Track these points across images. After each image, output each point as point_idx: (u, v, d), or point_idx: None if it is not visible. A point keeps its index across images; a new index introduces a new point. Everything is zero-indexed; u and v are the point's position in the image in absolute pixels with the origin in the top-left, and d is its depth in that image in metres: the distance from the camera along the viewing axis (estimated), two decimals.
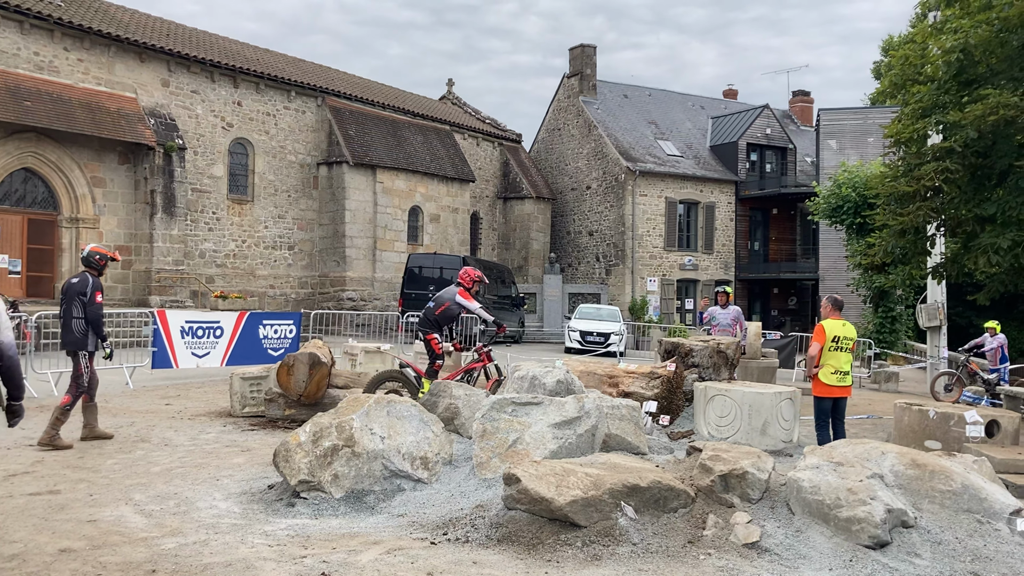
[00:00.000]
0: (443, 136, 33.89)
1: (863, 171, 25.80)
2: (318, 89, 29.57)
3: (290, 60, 32.44)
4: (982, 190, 11.20)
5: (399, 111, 32.48)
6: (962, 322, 25.88)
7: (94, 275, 8.94)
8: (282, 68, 29.84)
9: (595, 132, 37.97)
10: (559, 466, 5.90)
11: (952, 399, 15.68)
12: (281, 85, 28.50)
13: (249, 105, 27.77)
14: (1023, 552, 5.45)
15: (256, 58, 29.65)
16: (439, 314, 10.56)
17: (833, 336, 8.99)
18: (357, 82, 34.32)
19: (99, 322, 8.73)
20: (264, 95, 28.17)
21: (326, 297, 29.09)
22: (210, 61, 26.25)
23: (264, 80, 27.91)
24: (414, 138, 32.11)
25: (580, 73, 39.30)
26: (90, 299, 8.70)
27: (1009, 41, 10.83)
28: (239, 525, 5.79)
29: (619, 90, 41.69)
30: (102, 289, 8.91)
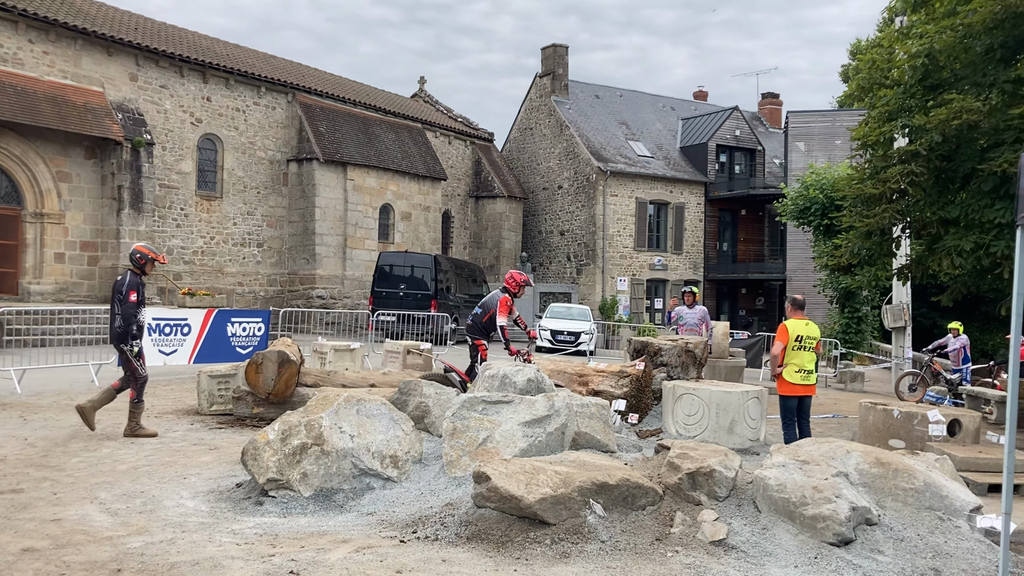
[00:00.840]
0: (415, 134, 33.80)
1: (830, 173, 26.09)
2: (289, 85, 29.36)
3: (261, 56, 32.18)
4: (946, 193, 11.38)
5: (370, 108, 32.34)
6: (926, 323, 26.27)
7: (136, 274, 9.11)
8: (252, 64, 29.59)
9: (567, 132, 38.06)
10: (529, 464, 5.92)
11: (916, 399, 15.92)
12: (251, 81, 28.27)
13: (219, 101, 27.52)
14: (982, 548, 5.56)
15: (226, 53, 29.38)
16: (486, 321, 10.57)
17: (796, 335, 9.10)
18: (328, 79, 34.12)
19: (130, 319, 8.92)
20: (234, 91, 27.92)
21: (295, 295, 28.91)
22: (179, 56, 25.97)
23: (234, 76, 27.67)
24: (385, 136, 31.99)
25: (552, 73, 39.37)
26: (124, 297, 8.91)
27: (972, 47, 11.02)
28: (207, 524, 5.75)
29: (591, 90, 41.82)
30: (137, 288, 9.00)
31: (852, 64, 40.06)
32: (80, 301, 22.72)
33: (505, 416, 7.02)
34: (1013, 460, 4.65)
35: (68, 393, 11.73)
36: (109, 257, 23.81)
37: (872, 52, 13.54)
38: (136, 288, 8.97)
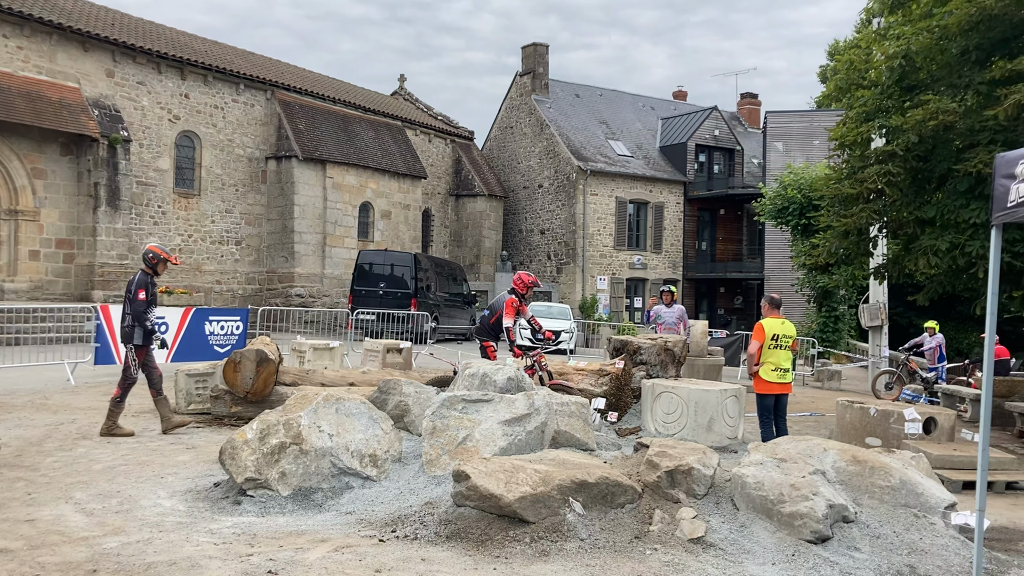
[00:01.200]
0: (395, 132, 33.70)
1: (808, 173, 26.25)
2: (268, 82, 29.19)
3: (239, 53, 31.97)
4: (922, 193, 11.48)
5: (350, 106, 32.21)
6: (903, 322, 26.50)
7: (148, 273, 9.19)
8: (231, 60, 29.39)
9: (547, 131, 38.09)
10: (508, 463, 5.92)
11: (892, 397, 16.06)
12: (230, 78, 28.08)
13: (197, 98, 27.32)
14: (957, 545, 5.61)
15: (205, 50, 29.17)
16: (493, 323, 10.43)
17: (772, 334, 9.16)
18: (307, 76, 33.95)
19: (141, 317, 8.99)
20: (212, 88, 27.73)
21: (274, 293, 28.76)
22: (157, 52, 25.76)
23: (212, 72, 27.47)
24: (365, 133, 31.88)
25: (532, 72, 39.38)
26: (133, 296, 9.01)
27: (948, 49, 11.13)
28: (184, 523, 5.71)
29: (571, 89, 41.88)
30: (146, 286, 9.08)
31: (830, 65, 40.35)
32: (55, 299, 22.49)
33: (485, 415, 7.02)
34: (987, 458, 4.70)
35: (43, 392, 11.60)
36: (85, 255, 23.58)
37: (850, 53, 13.62)
38: (145, 287, 9.05)
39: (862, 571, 5.26)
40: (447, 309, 27.76)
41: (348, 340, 19.49)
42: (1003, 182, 4.36)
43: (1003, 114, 9.56)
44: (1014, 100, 9.39)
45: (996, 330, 4.50)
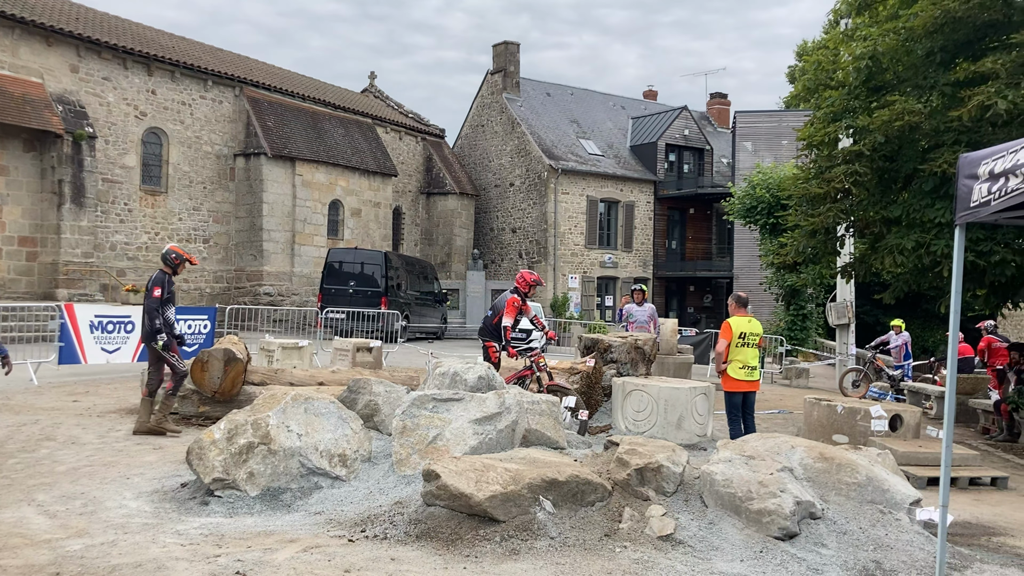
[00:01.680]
0: (365, 129, 33.53)
1: (777, 173, 26.48)
2: (236, 79, 28.92)
3: (207, 49, 31.63)
4: (889, 193, 11.61)
5: (320, 103, 31.99)
6: (869, 320, 26.83)
7: (167, 272, 9.33)
8: (199, 56, 29.08)
9: (518, 129, 38.09)
10: (479, 462, 5.91)
11: (859, 394, 16.25)
12: (197, 74, 27.78)
13: (164, 94, 27.00)
14: (921, 540, 5.69)
15: (172, 46, 28.83)
16: (496, 323, 10.23)
17: (740, 332, 9.22)
18: (276, 73, 33.67)
19: (153, 315, 9.06)
20: (180, 84, 27.42)
21: (242, 292, 28.50)
22: (122, 47, 25.41)
23: (180, 68, 27.16)
24: (335, 131, 31.68)
25: (504, 70, 39.36)
26: (148, 293, 9.16)
27: (914, 50, 11.26)
28: (150, 524, 5.64)
29: (542, 88, 41.91)
30: (162, 284, 9.18)
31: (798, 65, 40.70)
32: (18, 298, 22.12)
33: (456, 414, 7.00)
34: (951, 454, 4.76)
35: (5, 392, 11.41)
36: (49, 253, 23.21)
37: (818, 54, 13.76)
38: (161, 284, 9.16)
39: (829, 567, 5.31)
40: (418, 308, 27.67)
41: (317, 339, 19.36)
42: (966, 182, 4.41)
43: (967, 115, 9.70)
44: (977, 101, 9.53)
45: (960, 328, 4.56)
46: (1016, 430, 12.16)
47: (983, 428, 13.34)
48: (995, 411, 12.71)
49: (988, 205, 4.22)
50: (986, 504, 8.07)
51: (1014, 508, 7.96)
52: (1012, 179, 4.01)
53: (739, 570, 5.19)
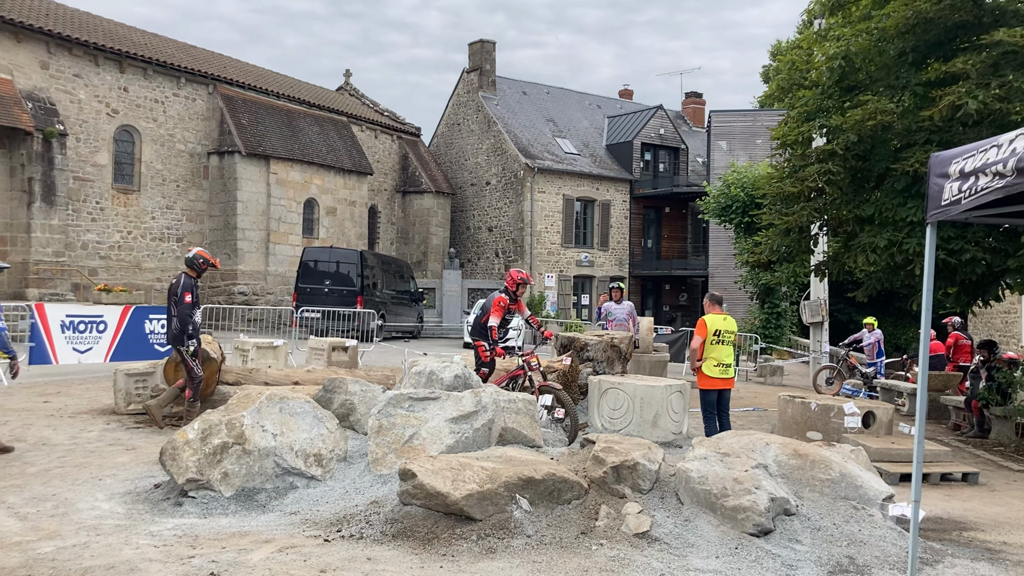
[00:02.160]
0: (340, 128, 33.37)
1: (751, 172, 26.64)
2: (209, 76, 28.68)
3: (180, 46, 31.34)
4: (861, 192, 11.71)
5: (295, 101, 31.80)
6: (843, 318, 27.05)
7: (192, 276, 9.47)
8: (171, 54, 28.80)
9: (494, 128, 38.07)
10: (455, 460, 5.91)
11: (833, 392, 16.39)
12: (170, 71, 27.52)
13: (136, 91, 26.72)
14: (894, 536, 5.75)
15: (144, 42, 28.54)
16: (484, 322, 10.05)
17: (715, 330, 9.25)
18: (251, 70, 33.43)
19: (185, 320, 9.20)
20: (152, 81, 27.14)
21: (216, 291, 28.28)
22: (94, 44, 25.12)
23: (152, 65, 26.89)
24: (310, 129, 31.51)
25: (480, 68, 39.31)
26: (180, 299, 9.24)
27: (886, 50, 11.37)
28: (123, 526, 5.58)
29: (518, 87, 41.90)
30: (192, 290, 9.35)
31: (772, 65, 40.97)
32: None
33: (432, 413, 6.99)
34: (922, 450, 4.82)
35: None
36: (19, 252, 22.91)
37: (792, 54, 13.85)
38: (191, 290, 9.32)
39: (803, 563, 5.35)
40: (394, 307, 27.58)
41: (293, 338, 19.25)
42: (937, 181, 4.46)
43: (938, 115, 9.81)
44: (948, 101, 9.64)
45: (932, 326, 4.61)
46: (987, 426, 12.32)
47: (954, 424, 13.50)
48: (966, 408, 12.87)
49: (959, 204, 4.26)
50: (957, 499, 8.17)
51: (985, 503, 8.06)
52: (982, 178, 4.05)
53: (715, 567, 5.22)
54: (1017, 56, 9.77)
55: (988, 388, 12.16)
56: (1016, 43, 9.53)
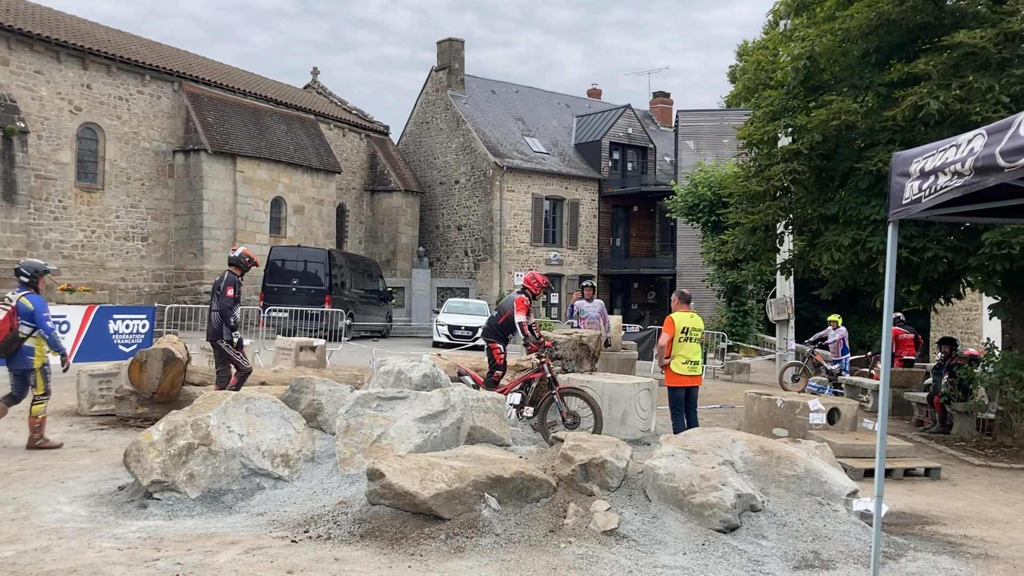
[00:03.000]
0: (308, 126, 33.14)
1: (718, 171, 26.85)
2: (175, 74, 28.35)
3: (145, 43, 30.95)
4: (826, 191, 11.83)
5: (261, 99, 31.54)
6: (808, 316, 27.37)
7: (236, 273, 9.68)
8: (136, 50, 28.43)
9: (463, 127, 38.01)
10: (424, 460, 5.89)
11: (798, 389, 16.57)
12: (135, 68, 27.16)
13: (100, 88, 26.35)
14: (858, 531, 5.82)
15: (108, 39, 28.14)
16: (502, 323, 9.95)
17: (682, 327, 9.30)
18: (217, 68, 33.09)
19: (227, 313, 9.42)
20: (116, 78, 26.78)
21: (182, 291, 27.98)
22: (56, 40, 24.73)
23: (116, 62, 26.53)
24: (277, 127, 31.26)
25: (448, 67, 39.23)
26: (222, 293, 9.45)
27: (850, 51, 11.49)
28: (86, 529, 5.51)
29: (487, 86, 41.88)
30: (234, 285, 9.54)
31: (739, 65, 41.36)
32: None
33: (400, 412, 6.97)
34: (885, 446, 4.88)
35: None
36: None
37: (758, 54, 13.95)
38: (233, 284, 9.51)
39: (769, 558, 5.41)
40: (362, 306, 27.46)
41: (259, 338, 19.10)
42: (898, 180, 4.52)
43: (901, 115, 9.93)
44: (911, 102, 9.76)
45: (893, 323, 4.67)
46: (948, 422, 12.51)
47: (917, 420, 13.70)
48: (928, 404, 13.06)
49: (919, 202, 4.32)
50: (920, 494, 8.29)
51: (946, 498, 8.19)
52: (941, 177, 4.11)
53: (682, 563, 5.25)
54: (977, 57, 9.92)
55: (950, 384, 12.35)
56: (976, 44, 9.68)
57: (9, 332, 7.95)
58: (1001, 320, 11.42)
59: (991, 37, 9.71)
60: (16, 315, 7.97)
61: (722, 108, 43.23)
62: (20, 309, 7.99)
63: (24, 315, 8.00)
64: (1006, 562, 5.93)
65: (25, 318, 8.00)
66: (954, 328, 23.56)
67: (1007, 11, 9.97)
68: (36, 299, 8.11)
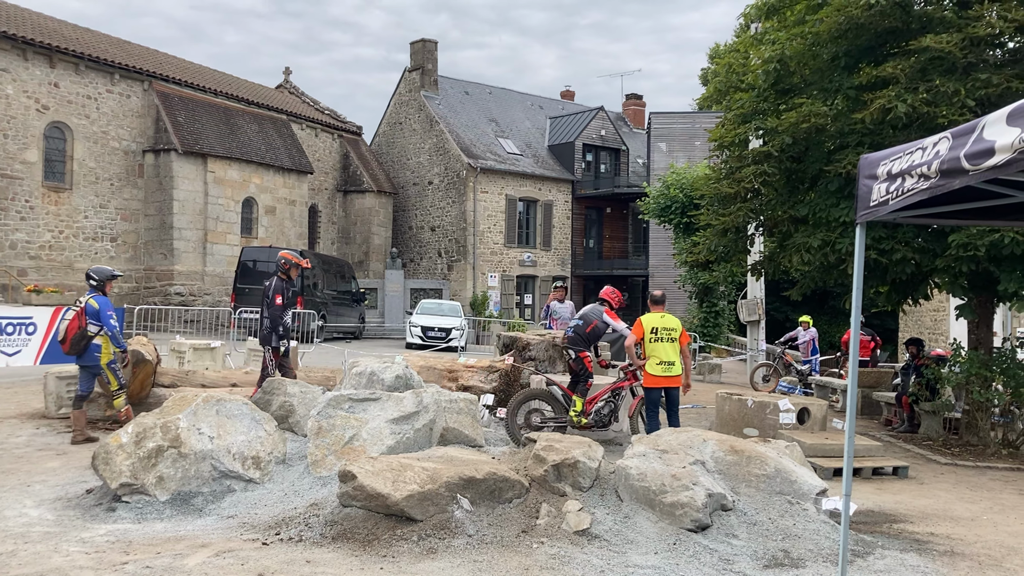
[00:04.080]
0: (279, 126, 32.93)
1: (690, 173, 26.99)
2: (145, 73, 28.04)
3: (115, 41, 30.58)
4: (796, 193, 11.95)
5: (233, 98, 31.28)
6: (779, 316, 27.59)
7: (282, 279, 9.85)
8: (105, 49, 28.09)
9: (437, 127, 37.94)
10: (396, 461, 5.88)
11: (769, 389, 16.71)
12: (104, 67, 26.84)
13: (68, 87, 26.01)
14: (827, 529, 5.89)
15: (76, 37, 27.78)
16: (588, 332, 10.01)
17: (651, 328, 9.26)
18: (188, 67, 32.78)
19: (276, 321, 9.66)
20: (85, 77, 26.45)
21: (152, 292, 27.68)
22: (22, 38, 24.38)
23: (84, 61, 26.19)
24: (248, 127, 31.02)
25: (421, 68, 39.13)
26: (271, 300, 9.66)
27: (820, 54, 11.62)
28: (53, 533, 5.44)
29: (460, 86, 41.83)
30: (282, 292, 9.72)
31: (711, 68, 41.61)
32: None
33: (372, 413, 6.95)
34: (853, 445, 4.94)
35: None
36: None
37: (729, 57, 14.07)
38: (281, 292, 9.69)
39: (740, 557, 5.45)
40: (335, 307, 27.31)
41: (230, 340, 18.95)
42: (866, 182, 4.57)
43: (869, 118, 10.05)
44: (879, 105, 9.89)
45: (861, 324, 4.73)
46: (916, 421, 12.68)
47: (886, 420, 13.86)
48: (897, 403, 13.23)
49: (887, 204, 4.38)
50: (888, 493, 8.40)
51: (914, 496, 8.30)
52: (908, 179, 4.17)
53: (653, 562, 5.28)
54: (943, 62, 10.07)
55: (917, 384, 12.51)
56: (942, 49, 9.82)
57: (78, 330, 8.70)
58: (967, 321, 11.59)
59: (957, 42, 9.87)
60: (84, 315, 8.76)
61: (694, 110, 43.47)
62: (88, 309, 8.80)
63: (91, 314, 8.77)
64: (971, 559, 6.02)
65: (92, 317, 8.76)
66: (922, 329, 23.87)
67: (972, 16, 10.13)
68: (102, 300, 8.91)
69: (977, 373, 10.90)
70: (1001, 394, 11.23)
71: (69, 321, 8.73)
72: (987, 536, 6.75)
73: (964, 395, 11.79)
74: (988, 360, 11.11)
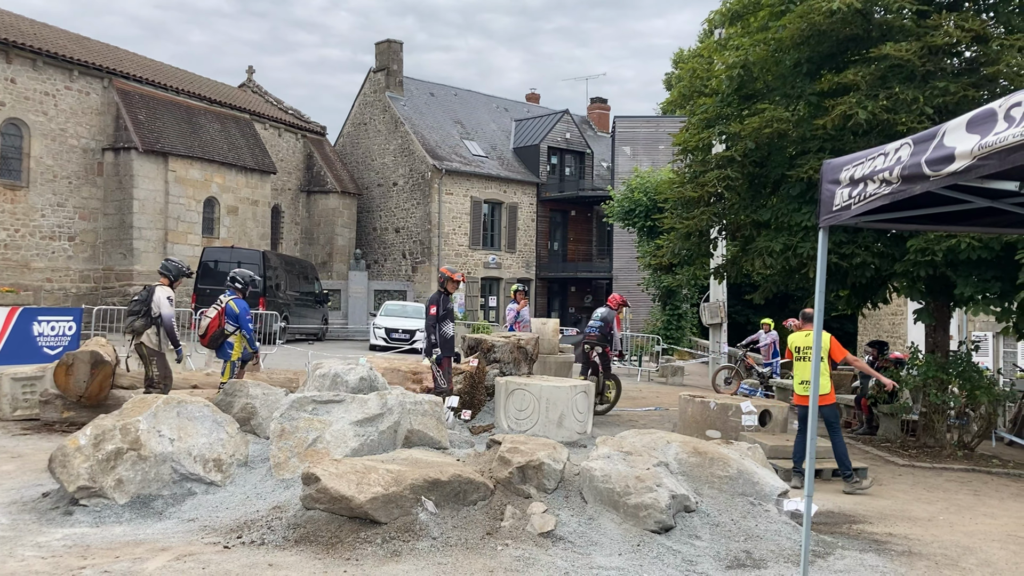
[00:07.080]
0: (242, 125, 32.59)
1: (654, 177, 27.17)
2: (105, 70, 27.60)
3: (74, 37, 30.07)
4: (759, 197, 12.07)
5: (195, 97, 30.90)
6: (741, 319, 27.87)
7: (441, 292, 10.25)
8: (64, 45, 27.61)
9: (402, 129, 37.80)
10: (360, 464, 5.84)
11: (731, 391, 16.85)
12: (62, 63, 26.37)
13: (25, 83, 25.51)
14: (788, 530, 5.95)
15: (33, 32, 27.27)
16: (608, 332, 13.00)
17: (795, 347, 8.83)
18: (149, 64, 32.32)
19: (429, 331, 10.09)
20: (42, 73, 25.97)
21: (111, 292, 27.24)
22: None
23: (42, 57, 25.72)
24: (211, 126, 30.66)
25: (387, 68, 38.97)
26: (426, 311, 10.20)
27: (783, 61, 11.76)
28: (7, 537, 5.33)
29: (426, 88, 41.72)
30: (436, 303, 10.09)
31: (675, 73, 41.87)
32: None
33: (336, 415, 6.90)
34: (815, 446, 5.00)
35: None
36: None
37: (693, 62, 14.17)
38: (436, 303, 10.09)
39: (702, 558, 5.49)
40: (298, 308, 27.09)
41: (191, 341, 18.70)
42: (829, 187, 4.63)
43: (830, 123, 10.19)
44: (840, 111, 10.03)
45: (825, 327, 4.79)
46: (875, 423, 12.86)
47: (845, 422, 14.03)
48: (856, 406, 13.41)
49: (849, 209, 4.44)
50: (847, 494, 8.51)
51: (872, 497, 8.42)
52: (870, 184, 4.23)
53: (617, 564, 5.30)
54: (903, 69, 10.24)
55: (877, 387, 12.70)
56: (902, 57, 9.99)
57: (217, 328, 9.82)
58: (925, 324, 11.78)
59: (916, 50, 10.04)
60: (224, 315, 9.83)
61: (658, 115, 43.74)
62: (228, 311, 9.85)
63: (230, 316, 9.83)
64: (928, 558, 6.12)
65: (231, 319, 9.83)
66: (880, 332, 24.24)
67: (931, 25, 10.31)
68: (241, 303, 9.94)
69: (934, 376, 11.09)
70: (957, 397, 11.43)
71: (211, 319, 9.83)
72: (943, 536, 6.87)
73: (921, 398, 11.99)
74: (945, 363, 11.30)
